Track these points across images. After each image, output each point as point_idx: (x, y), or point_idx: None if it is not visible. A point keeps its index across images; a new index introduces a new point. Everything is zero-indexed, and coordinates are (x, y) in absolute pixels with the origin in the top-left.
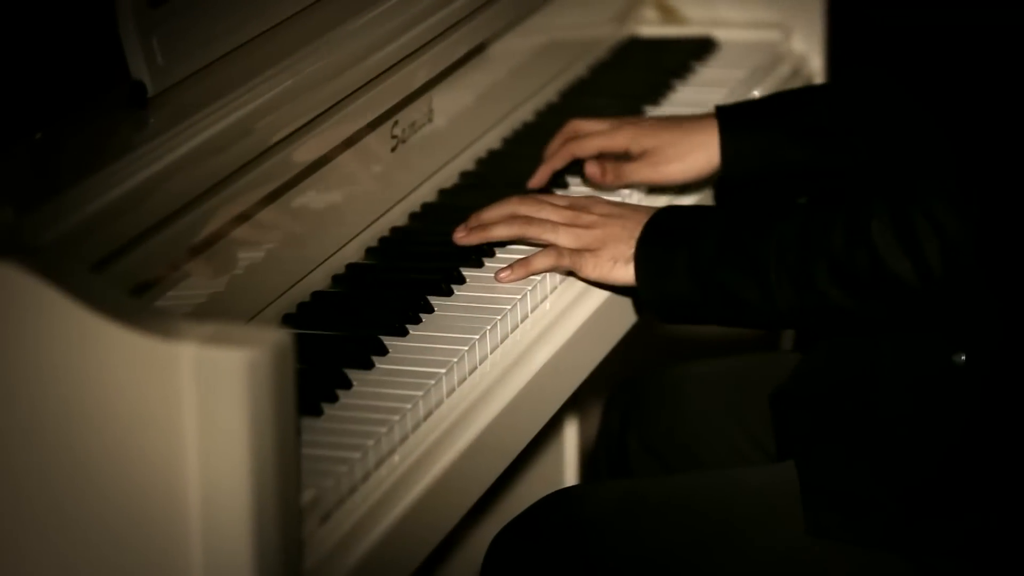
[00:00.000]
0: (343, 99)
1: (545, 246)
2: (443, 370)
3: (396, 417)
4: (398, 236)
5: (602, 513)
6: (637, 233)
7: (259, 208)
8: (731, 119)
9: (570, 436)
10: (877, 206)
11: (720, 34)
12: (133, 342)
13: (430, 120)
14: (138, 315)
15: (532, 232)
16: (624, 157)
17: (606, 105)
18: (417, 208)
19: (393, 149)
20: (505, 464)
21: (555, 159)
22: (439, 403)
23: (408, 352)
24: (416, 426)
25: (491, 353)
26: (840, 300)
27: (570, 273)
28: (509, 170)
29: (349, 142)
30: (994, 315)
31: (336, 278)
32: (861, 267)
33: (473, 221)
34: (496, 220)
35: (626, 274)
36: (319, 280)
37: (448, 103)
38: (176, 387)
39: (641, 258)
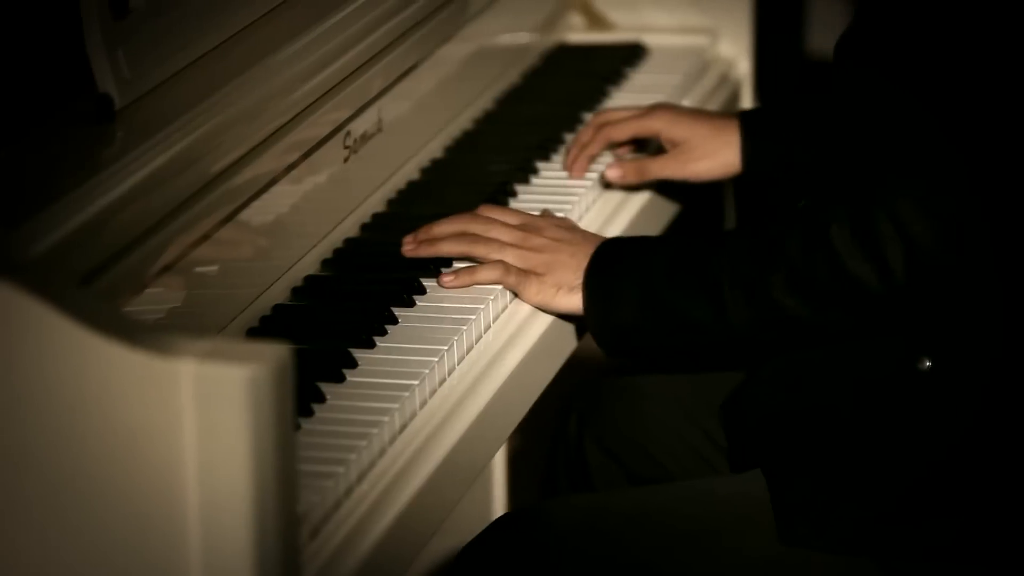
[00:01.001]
0: (304, 109)
1: None
2: (415, 382)
3: (375, 430)
4: (352, 247)
5: (571, 528)
6: (585, 263)
7: (220, 223)
8: (753, 123)
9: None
10: (835, 210)
11: (649, 39)
12: (132, 360)
13: (379, 130)
14: (136, 333)
15: (479, 251)
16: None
17: (544, 112)
18: (367, 219)
19: (346, 160)
20: (480, 470)
21: (592, 145)
22: (413, 415)
23: (378, 364)
24: (393, 438)
25: (459, 363)
26: (798, 310)
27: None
28: (452, 178)
29: (305, 154)
30: (963, 319)
31: (296, 290)
32: (820, 273)
33: (423, 234)
34: (445, 235)
35: (569, 302)
36: (279, 293)
37: (394, 113)
38: (176, 404)
39: (589, 288)
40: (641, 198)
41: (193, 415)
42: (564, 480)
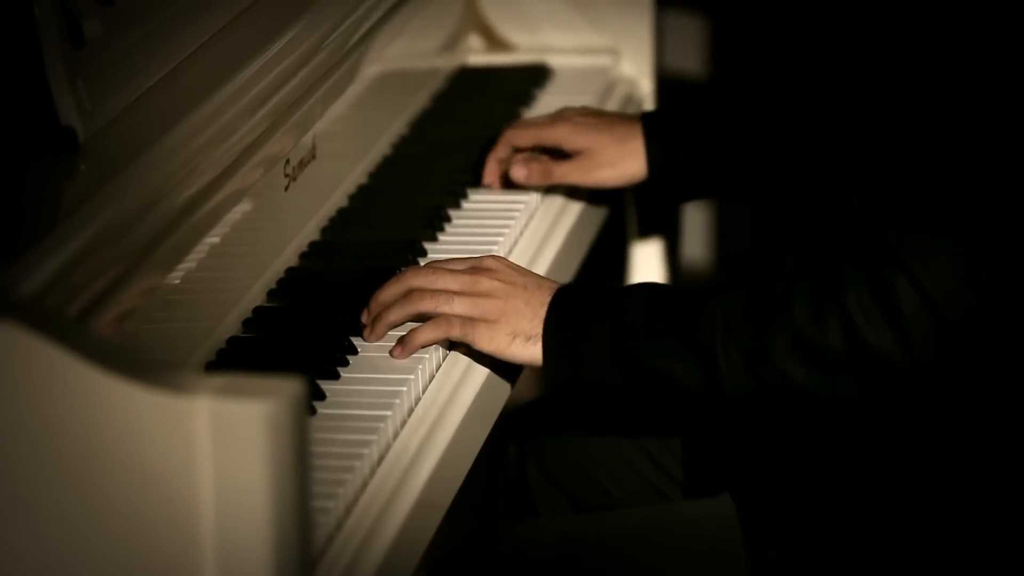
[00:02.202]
0: (255, 140)
1: None
2: (388, 412)
3: (356, 463)
4: (295, 276)
5: (538, 552)
6: (542, 312)
7: (173, 258)
8: (656, 126)
9: None
10: (851, 275)
11: (552, 60)
12: (145, 398)
13: (314, 157)
14: (149, 370)
15: (425, 306)
16: (556, 155)
17: (461, 134)
18: (304, 247)
19: (286, 188)
20: (454, 492)
21: (497, 149)
22: (388, 446)
23: (345, 395)
24: (373, 470)
25: (424, 391)
26: (805, 379)
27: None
28: (382, 204)
29: (249, 183)
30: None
31: (247, 322)
32: (833, 342)
33: (374, 307)
34: (392, 300)
35: (526, 352)
36: (231, 325)
37: (325, 139)
38: (191, 442)
39: (550, 338)
40: (573, 212)
41: (209, 453)
42: (504, 508)
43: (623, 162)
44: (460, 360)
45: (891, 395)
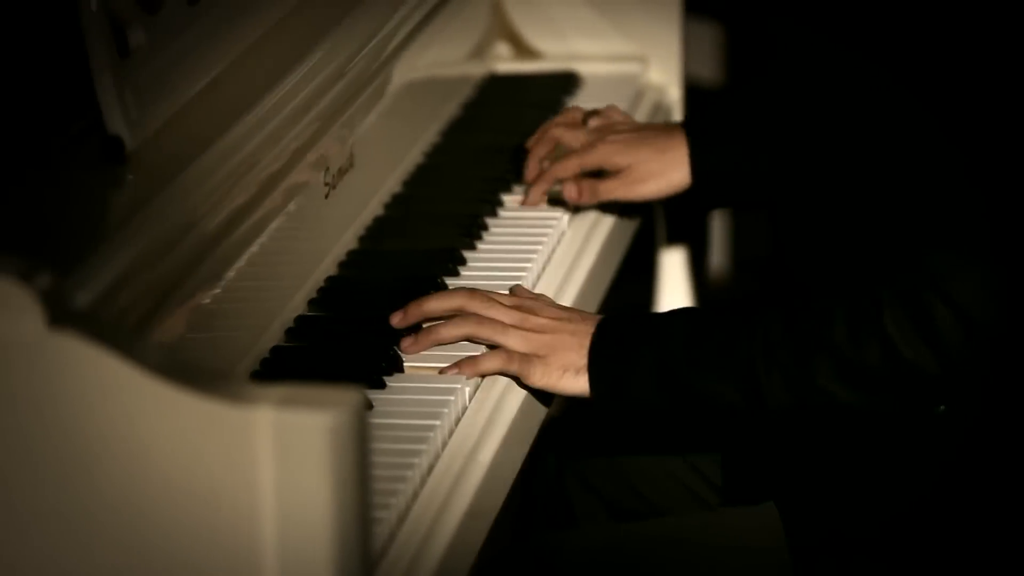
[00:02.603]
0: (300, 147)
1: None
2: (437, 421)
3: (408, 472)
4: (335, 285)
5: (581, 561)
6: (587, 341)
7: (220, 267)
8: (699, 133)
9: None
10: (886, 295)
11: (579, 68)
12: (205, 409)
13: (352, 165)
14: (208, 381)
15: (483, 333)
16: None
17: (493, 143)
18: (343, 256)
19: (327, 196)
20: (504, 494)
21: (543, 182)
22: (437, 455)
23: (392, 405)
24: (423, 480)
25: (469, 400)
26: (846, 396)
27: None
28: (415, 212)
29: (292, 191)
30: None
31: (290, 332)
32: (872, 360)
33: (414, 312)
34: (438, 313)
35: (576, 385)
36: (274, 335)
37: (362, 148)
38: (252, 454)
39: (596, 369)
40: (608, 221)
41: (270, 464)
42: (543, 517)
43: (666, 174)
44: (495, 387)
45: (928, 404)
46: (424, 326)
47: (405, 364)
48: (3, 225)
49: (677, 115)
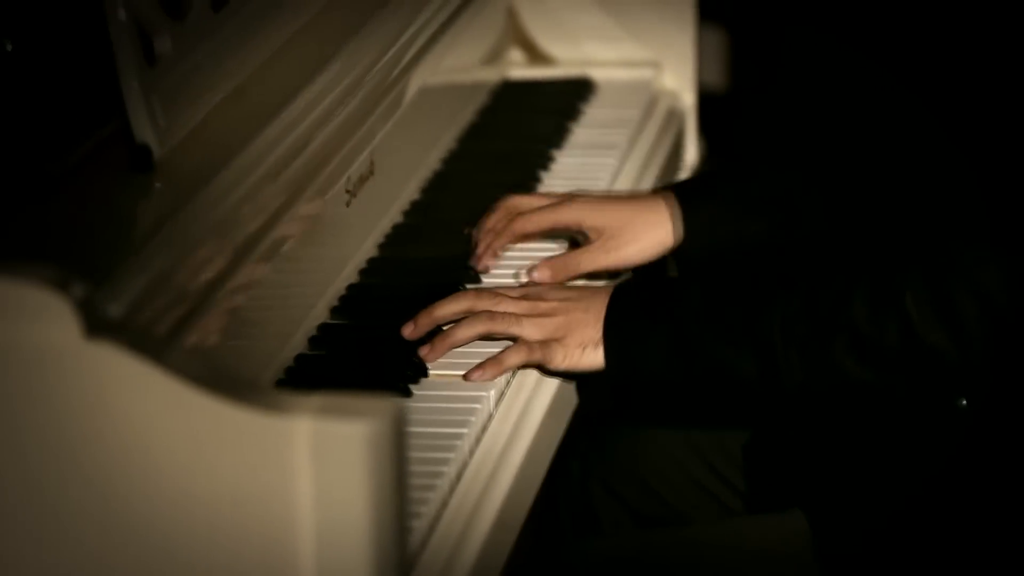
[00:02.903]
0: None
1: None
2: (465, 429)
3: (437, 481)
4: (356, 293)
5: (607, 569)
6: (602, 312)
7: (244, 276)
8: (688, 193)
9: None
10: (912, 277)
11: (594, 73)
12: (242, 419)
13: (372, 173)
14: (246, 391)
15: (498, 327)
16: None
17: (509, 149)
18: (363, 264)
19: (348, 204)
20: (530, 502)
21: (501, 238)
22: (464, 463)
23: (419, 413)
24: (452, 488)
25: (495, 407)
26: (861, 374)
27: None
28: (434, 219)
29: (315, 199)
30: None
31: (313, 340)
32: (890, 340)
33: (425, 321)
34: (450, 316)
35: (595, 359)
36: (298, 343)
37: (381, 155)
38: (290, 464)
39: (612, 340)
40: None
41: (309, 475)
42: (569, 525)
43: (649, 233)
44: (529, 375)
45: (944, 391)
46: (441, 331)
47: (429, 371)
48: (34, 234)
49: (691, 121)
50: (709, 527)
